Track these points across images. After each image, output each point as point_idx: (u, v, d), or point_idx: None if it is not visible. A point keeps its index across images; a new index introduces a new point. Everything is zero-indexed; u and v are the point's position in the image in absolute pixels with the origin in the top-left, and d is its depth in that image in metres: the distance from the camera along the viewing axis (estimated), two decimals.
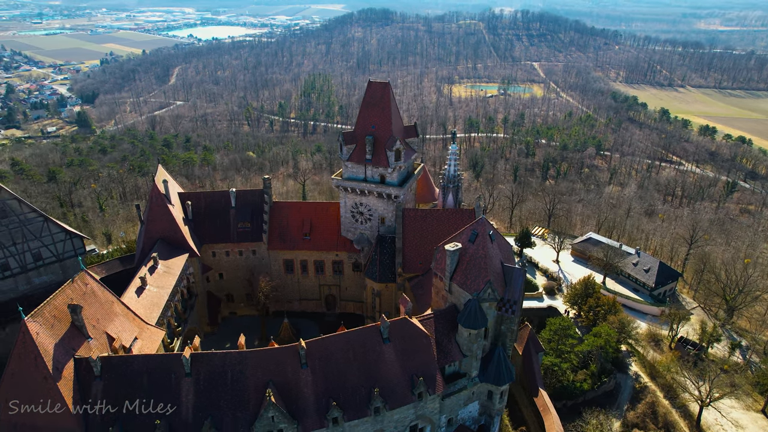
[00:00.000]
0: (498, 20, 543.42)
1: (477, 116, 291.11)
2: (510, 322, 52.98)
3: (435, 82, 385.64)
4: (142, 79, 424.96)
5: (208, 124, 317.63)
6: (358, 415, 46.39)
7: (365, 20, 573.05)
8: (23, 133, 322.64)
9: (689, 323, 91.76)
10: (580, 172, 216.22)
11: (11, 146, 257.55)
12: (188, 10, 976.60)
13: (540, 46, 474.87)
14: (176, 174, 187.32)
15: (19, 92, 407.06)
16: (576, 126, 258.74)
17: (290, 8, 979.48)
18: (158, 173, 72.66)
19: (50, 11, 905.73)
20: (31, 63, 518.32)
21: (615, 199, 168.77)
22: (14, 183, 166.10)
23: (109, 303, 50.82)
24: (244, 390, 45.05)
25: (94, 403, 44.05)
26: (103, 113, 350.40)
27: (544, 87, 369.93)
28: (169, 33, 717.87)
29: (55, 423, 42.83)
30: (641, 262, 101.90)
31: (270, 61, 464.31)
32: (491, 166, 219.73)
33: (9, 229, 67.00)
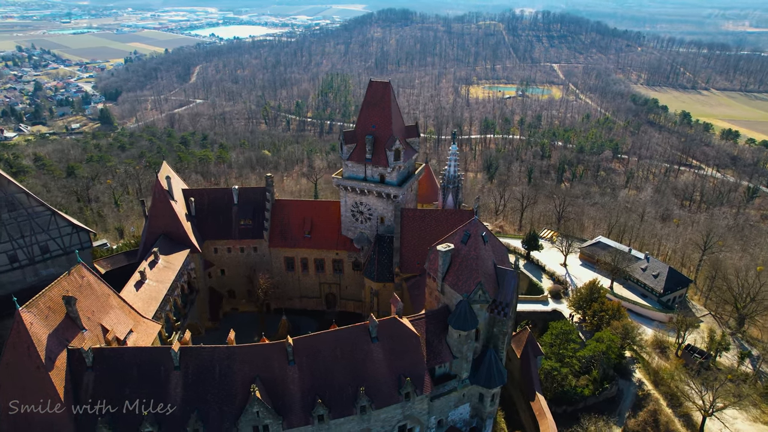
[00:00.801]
0: (518, 21, 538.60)
1: (493, 117, 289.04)
2: (502, 325, 52.56)
3: (453, 82, 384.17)
4: (164, 77, 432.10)
5: (226, 122, 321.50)
6: (343, 413, 46.55)
7: (385, 20, 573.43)
8: (48, 129, 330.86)
9: (698, 331, 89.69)
10: (596, 175, 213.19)
11: (35, 142, 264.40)
12: (211, 10, 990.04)
13: (560, 48, 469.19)
14: (191, 171, 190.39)
15: (47, 90, 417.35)
16: (593, 128, 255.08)
17: (311, 8, 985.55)
18: (162, 170, 73.83)
19: (78, 11, 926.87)
20: (59, 61, 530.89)
21: (630, 203, 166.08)
22: (35, 178, 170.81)
23: (105, 296, 51.83)
24: (231, 385, 45.58)
25: (85, 393, 45.04)
26: (125, 111, 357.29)
27: (563, 89, 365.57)
28: (192, 32, 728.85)
29: (46, 411, 43.81)
30: (650, 267, 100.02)
31: (289, 60, 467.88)
32: (506, 168, 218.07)
33: (17, 221, 68.63)
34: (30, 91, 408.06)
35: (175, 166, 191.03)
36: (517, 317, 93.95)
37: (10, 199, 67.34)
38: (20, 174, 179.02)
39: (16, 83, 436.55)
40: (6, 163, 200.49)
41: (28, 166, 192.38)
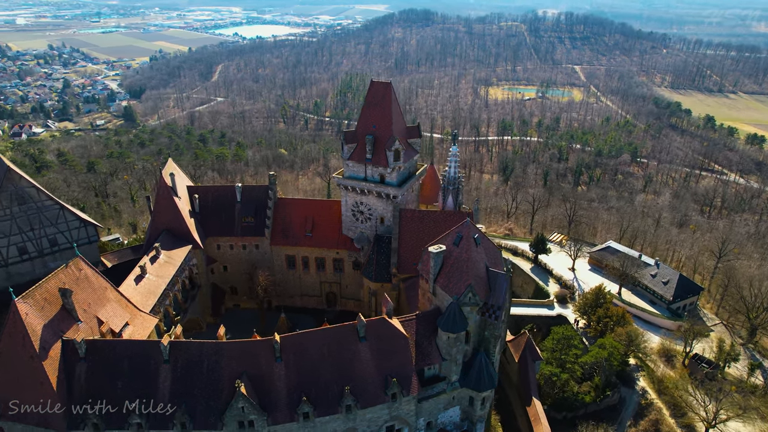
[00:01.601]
0: (540, 22, 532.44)
1: (512, 119, 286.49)
2: (493, 328, 52.13)
3: (472, 83, 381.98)
4: (187, 75, 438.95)
5: (245, 120, 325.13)
6: (328, 411, 46.76)
7: (406, 21, 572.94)
8: (75, 125, 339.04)
9: (707, 340, 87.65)
10: (613, 179, 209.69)
11: (60, 138, 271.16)
12: (235, 10, 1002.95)
13: (582, 49, 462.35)
14: (207, 168, 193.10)
15: (75, 87, 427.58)
16: (612, 132, 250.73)
17: (334, 8, 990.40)
18: (166, 167, 75.16)
19: (108, 10, 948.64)
20: (87, 59, 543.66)
21: (647, 208, 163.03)
22: (57, 172, 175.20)
23: (102, 289, 53.00)
24: (218, 380, 46.18)
25: (77, 384, 46.14)
26: (147, 108, 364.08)
27: (584, 91, 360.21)
28: (216, 31, 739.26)
29: (39, 400, 45.00)
30: (660, 273, 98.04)
31: (310, 60, 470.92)
32: (521, 170, 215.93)
33: (27, 215, 70.78)
34: (59, 88, 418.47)
35: (191, 163, 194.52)
36: (522, 321, 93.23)
37: (20, 193, 69.47)
38: (43, 169, 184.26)
39: (46, 81, 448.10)
40: (31, 158, 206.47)
41: (51, 161, 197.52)
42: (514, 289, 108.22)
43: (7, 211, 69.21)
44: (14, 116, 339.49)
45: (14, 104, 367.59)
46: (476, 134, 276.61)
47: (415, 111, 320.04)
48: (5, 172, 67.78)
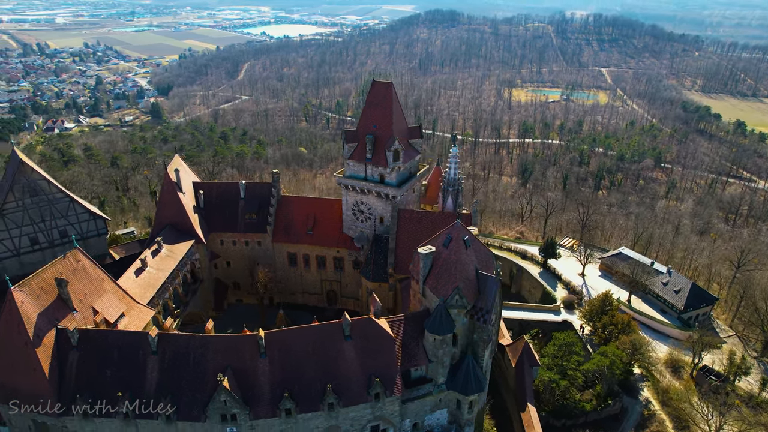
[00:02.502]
0: (568, 24, 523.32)
1: (534, 121, 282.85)
2: (482, 331, 51.62)
3: (496, 85, 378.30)
4: (213, 73, 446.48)
5: (268, 119, 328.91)
6: (310, 408, 47.07)
7: (431, 21, 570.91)
8: (104, 121, 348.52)
9: (719, 352, 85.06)
10: (635, 184, 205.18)
11: (88, 133, 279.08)
12: (264, 9, 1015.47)
13: (610, 52, 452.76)
14: (227, 165, 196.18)
15: (106, 84, 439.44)
16: (636, 136, 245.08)
17: (361, 8, 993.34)
18: (172, 162, 76.70)
19: (141, 9, 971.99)
20: (120, 57, 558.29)
21: (669, 214, 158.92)
22: (82, 166, 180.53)
23: (99, 280, 54.44)
24: (204, 372, 46.93)
25: (69, 371, 47.52)
26: (174, 105, 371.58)
27: (610, 94, 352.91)
28: (245, 30, 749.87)
29: (32, 386, 46.59)
30: (672, 282, 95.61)
31: (334, 59, 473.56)
32: (541, 173, 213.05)
33: (39, 206, 73.06)
34: (92, 85, 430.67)
35: (211, 159, 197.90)
36: (527, 326, 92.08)
37: (32, 185, 71.76)
38: (70, 162, 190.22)
39: (80, 77, 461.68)
40: (59, 152, 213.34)
41: (78, 156, 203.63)
42: (522, 293, 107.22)
43: (20, 202, 71.53)
44: (49, 111, 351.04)
45: (49, 100, 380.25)
46: (497, 136, 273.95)
47: (436, 112, 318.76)
48: (18, 165, 70.12)
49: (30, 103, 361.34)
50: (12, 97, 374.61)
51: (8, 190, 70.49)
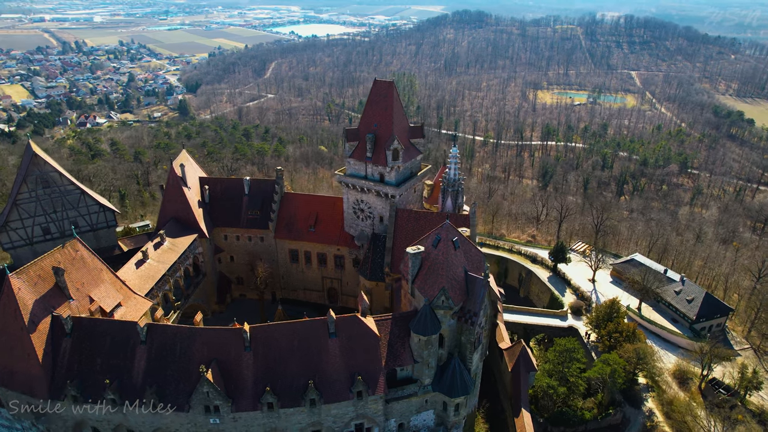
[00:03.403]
0: (598, 25, 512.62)
1: (558, 124, 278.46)
2: (469, 334, 51.10)
3: (521, 87, 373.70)
4: (241, 72, 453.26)
5: (292, 117, 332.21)
6: (292, 404, 47.36)
7: (459, 22, 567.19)
8: (134, 117, 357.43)
9: (731, 365, 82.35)
10: (658, 189, 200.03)
11: (116, 128, 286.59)
12: (294, 8, 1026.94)
13: (641, 54, 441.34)
14: (247, 162, 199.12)
15: (138, 80, 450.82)
16: (663, 140, 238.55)
17: (390, 8, 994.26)
18: (178, 158, 78.18)
19: (175, 9, 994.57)
20: (152, 55, 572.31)
21: (694, 221, 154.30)
22: (107, 160, 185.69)
23: (97, 270, 55.87)
24: (189, 364, 47.72)
25: (62, 358, 48.94)
26: (201, 102, 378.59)
27: (638, 97, 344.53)
28: (274, 30, 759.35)
29: (27, 370, 48.19)
30: (685, 290, 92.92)
31: (360, 59, 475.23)
32: (562, 177, 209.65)
33: (51, 198, 75.51)
34: (124, 81, 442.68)
35: (232, 156, 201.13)
36: (532, 330, 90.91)
37: (45, 177, 74.19)
38: (96, 156, 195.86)
39: (114, 74, 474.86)
40: (87, 146, 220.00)
41: (104, 150, 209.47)
42: (531, 298, 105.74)
43: (33, 193, 74.06)
44: (82, 107, 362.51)
45: (84, 96, 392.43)
46: (519, 138, 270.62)
47: (458, 113, 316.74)
48: (31, 157, 72.55)
49: (66, 98, 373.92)
50: (50, 92, 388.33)
51: (22, 180, 73.07)
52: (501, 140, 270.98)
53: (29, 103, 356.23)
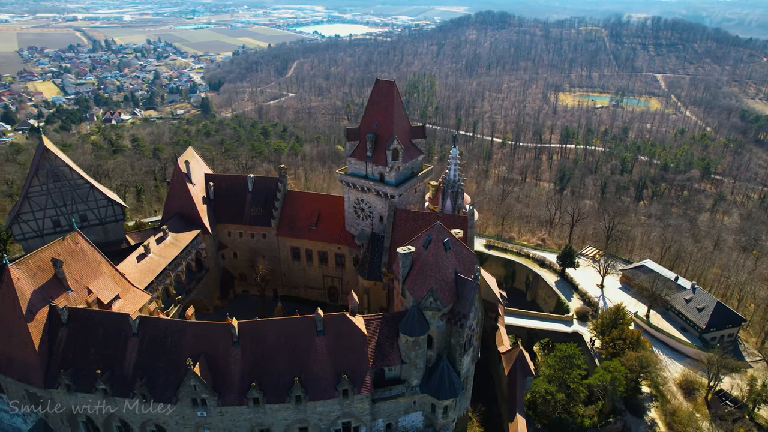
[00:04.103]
0: (624, 27, 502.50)
1: (579, 127, 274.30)
2: (459, 336, 50.74)
3: (543, 89, 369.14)
4: (263, 70, 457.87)
5: (311, 116, 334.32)
6: (278, 400, 47.71)
7: (481, 23, 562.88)
8: (158, 114, 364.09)
9: (742, 377, 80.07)
10: (679, 195, 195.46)
11: (138, 124, 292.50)
12: (318, 8, 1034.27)
13: (668, 57, 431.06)
14: (263, 160, 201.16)
15: (163, 78, 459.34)
16: (685, 145, 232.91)
17: (414, 9, 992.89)
18: (184, 154, 79.43)
19: (202, 8, 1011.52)
20: (178, 53, 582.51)
21: (713, 228, 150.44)
22: (127, 156, 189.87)
23: (96, 262, 57.17)
24: (179, 356, 48.43)
25: (58, 347, 50.22)
26: (223, 100, 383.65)
27: (662, 101, 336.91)
28: (297, 29, 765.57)
29: (24, 358, 49.57)
30: (695, 299, 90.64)
31: (381, 59, 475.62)
32: (579, 180, 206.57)
33: (61, 191, 77.51)
34: (150, 79, 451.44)
35: (248, 154, 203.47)
36: (535, 335, 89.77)
37: (55, 171, 76.18)
38: (117, 152, 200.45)
39: (140, 72, 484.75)
40: (109, 141, 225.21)
41: (125, 146, 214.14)
42: (537, 302, 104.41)
43: (44, 186, 76.12)
44: (109, 103, 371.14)
45: (111, 93, 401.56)
46: (538, 140, 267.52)
47: (477, 114, 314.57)
48: (42, 152, 74.58)
49: (93, 95, 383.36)
50: (79, 89, 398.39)
51: (33, 174, 75.19)
52: (519, 142, 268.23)
53: (59, 100, 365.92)
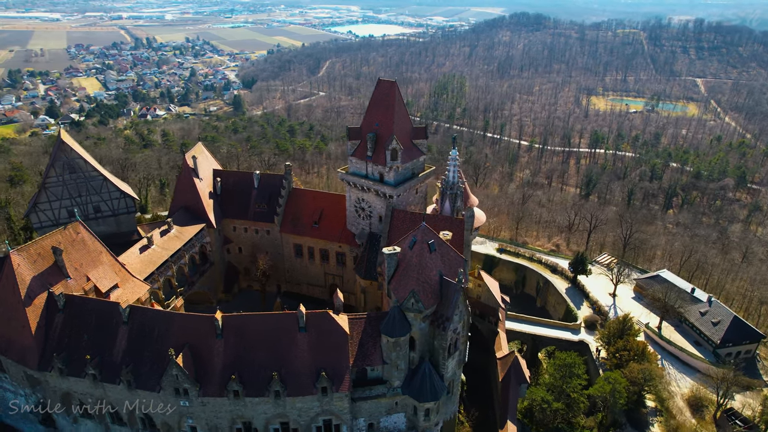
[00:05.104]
0: (664, 30, 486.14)
1: (609, 132, 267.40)
2: (442, 339, 50.28)
3: (575, 92, 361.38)
4: (296, 69, 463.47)
5: (339, 115, 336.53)
6: (257, 393, 48.33)
7: (516, 24, 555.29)
8: (191, 110, 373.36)
9: (754, 395, 76.72)
10: (711, 204, 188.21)
11: (170, 120, 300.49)
12: (353, 8, 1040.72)
13: (710, 60, 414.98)
14: (287, 158, 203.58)
15: (199, 75, 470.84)
16: (721, 152, 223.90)
17: (449, 9, 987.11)
18: (192, 150, 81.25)
19: (240, 7, 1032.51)
20: (215, 51, 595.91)
21: (746, 239, 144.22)
22: (156, 151, 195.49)
23: (96, 252, 59.11)
24: (165, 346, 49.60)
25: (54, 332, 52.19)
26: (255, 98, 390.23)
27: (701, 106, 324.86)
28: (332, 29, 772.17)
29: (22, 341, 51.73)
30: (711, 312, 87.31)
31: (413, 60, 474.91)
32: (605, 186, 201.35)
33: (76, 182, 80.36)
34: (186, 76, 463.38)
35: (273, 151, 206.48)
36: (540, 342, 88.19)
37: (71, 163, 79.05)
38: (147, 146, 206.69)
39: (178, 69, 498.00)
40: (140, 136, 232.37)
41: (155, 140, 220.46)
42: (547, 308, 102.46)
43: (60, 177, 79.09)
44: (146, 99, 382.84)
45: (149, 89, 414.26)
46: (567, 144, 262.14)
47: (506, 116, 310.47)
48: (59, 145, 77.60)
49: (132, 91, 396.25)
50: (119, 85, 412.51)
51: (51, 165, 78.30)
52: (547, 146, 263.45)
53: (100, 95, 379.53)
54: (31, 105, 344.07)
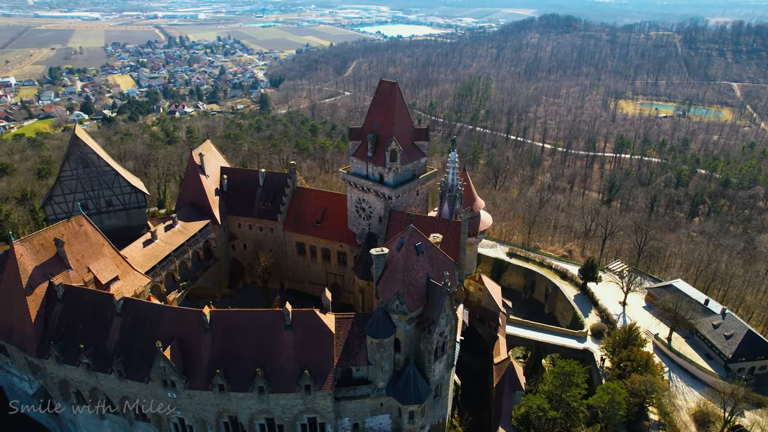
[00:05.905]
0: (699, 32, 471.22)
1: (636, 137, 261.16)
2: (427, 342, 50.03)
3: (603, 95, 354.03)
4: (323, 69, 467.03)
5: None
6: (241, 388, 49.00)
7: (545, 26, 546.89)
8: (219, 108, 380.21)
9: (765, 413, 73.86)
10: (739, 213, 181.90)
11: (196, 117, 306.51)
12: (383, 9, 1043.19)
13: (748, 64, 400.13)
14: (307, 156, 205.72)
15: (228, 74, 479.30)
16: (753, 159, 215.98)
17: (479, 11, 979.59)
18: (200, 147, 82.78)
19: (271, 7, 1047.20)
20: (245, 50, 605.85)
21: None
22: (178, 147, 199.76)
23: (98, 245, 60.84)
24: (155, 339, 50.66)
25: (53, 321, 53.96)
26: (281, 97, 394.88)
27: (736, 111, 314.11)
28: (361, 29, 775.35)
29: (22, 329, 53.68)
30: (724, 325, 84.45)
31: (439, 60, 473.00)
32: (628, 192, 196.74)
33: (89, 177, 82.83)
34: (216, 74, 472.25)
35: (293, 150, 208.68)
36: (544, 349, 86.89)
37: (84, 158, 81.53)
38: (171, 143, 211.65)
39: (208, 67, 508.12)
40: (165, 132, 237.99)
41: (179, 137, 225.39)
42: (555, 315, 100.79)
43: (74, 171, 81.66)
44: (176, 97, 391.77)
45: (179, 86, 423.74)
46: (591, 149, 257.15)
47: (530, 119, 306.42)
48: (74, 140, 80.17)
49: (163, 88, 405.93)
50: (151, 83, 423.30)
51: (65, 159, 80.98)
52: (571, 149, 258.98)
53: (133, 92, 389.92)
54: (68, 101, 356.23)
